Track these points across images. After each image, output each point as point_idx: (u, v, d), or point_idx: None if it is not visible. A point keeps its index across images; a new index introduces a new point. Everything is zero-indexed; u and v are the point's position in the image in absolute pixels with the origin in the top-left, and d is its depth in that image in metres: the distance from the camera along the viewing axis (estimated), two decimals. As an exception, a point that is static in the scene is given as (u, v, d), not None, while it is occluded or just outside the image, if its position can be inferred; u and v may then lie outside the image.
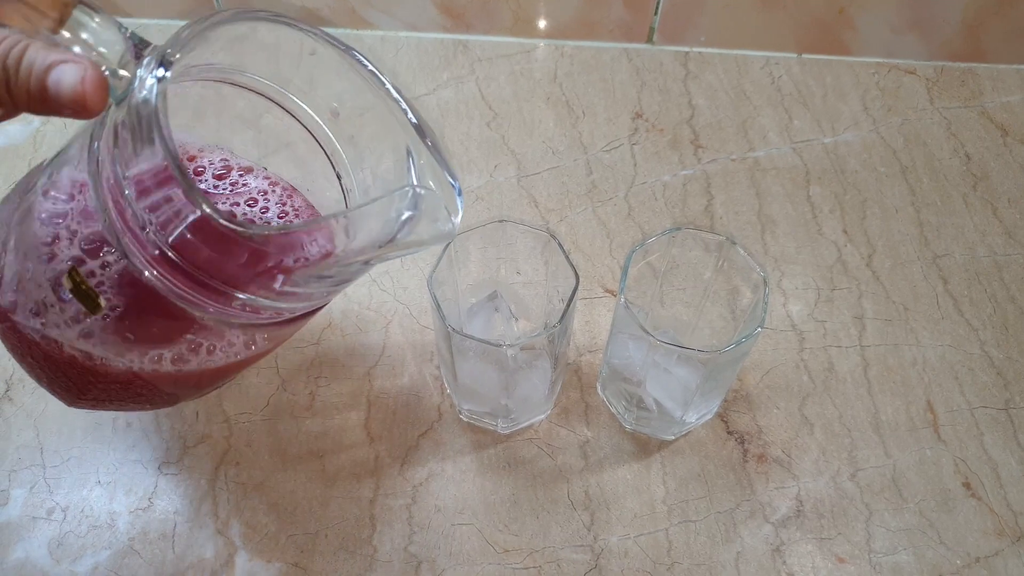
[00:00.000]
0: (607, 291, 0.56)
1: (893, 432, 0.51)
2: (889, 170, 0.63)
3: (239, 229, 0.31)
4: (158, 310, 0.34)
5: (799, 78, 0.68)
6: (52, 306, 0.36)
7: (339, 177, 0.42)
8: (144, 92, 0.29)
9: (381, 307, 0.55)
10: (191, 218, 0.30)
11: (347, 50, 0.37)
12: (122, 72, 0.30)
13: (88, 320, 0.36)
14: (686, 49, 0.69)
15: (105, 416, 0.51)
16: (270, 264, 0.33)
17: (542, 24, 0.68)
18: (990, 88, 0.68)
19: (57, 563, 0.46)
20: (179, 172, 0.29)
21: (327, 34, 0.37)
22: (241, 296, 0.33)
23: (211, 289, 0.33)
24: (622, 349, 0.47)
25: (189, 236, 0.31)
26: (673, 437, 0.50)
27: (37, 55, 0.27)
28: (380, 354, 0.53)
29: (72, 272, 0.34)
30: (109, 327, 0.36)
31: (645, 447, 0.50)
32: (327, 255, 0.37)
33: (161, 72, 0.30)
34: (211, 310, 0.34)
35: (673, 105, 0.66)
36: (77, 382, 0.39)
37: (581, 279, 0.43)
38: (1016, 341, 0.54)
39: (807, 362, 0.53)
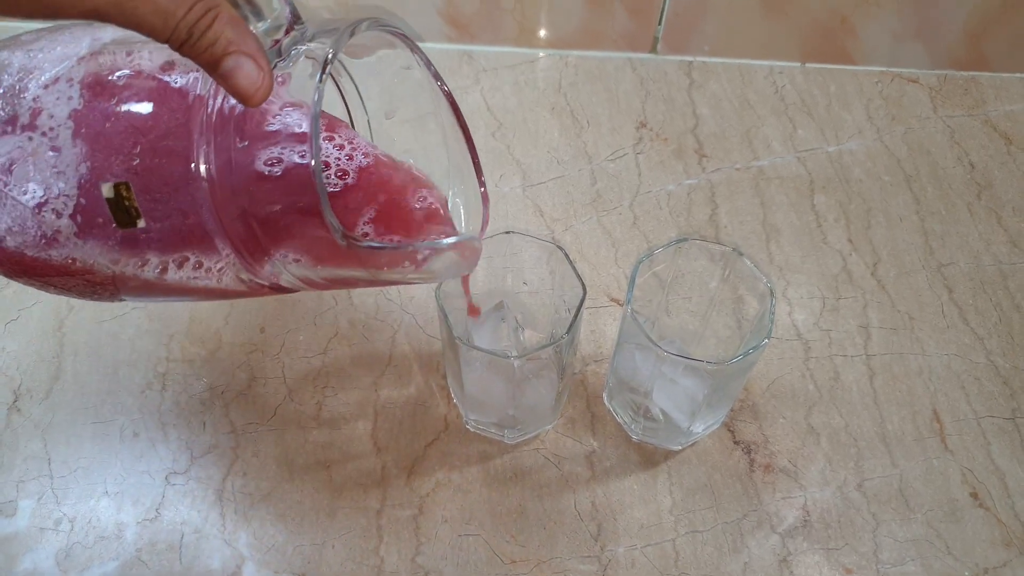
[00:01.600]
0: (612, 300, 0.56)
1: (899, 442, 0.51)
2: (893, 179, 0.63)
3: (358, 244, 0.31)
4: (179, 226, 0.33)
5: (803, 87, 0.68)
6: (64, 196, 0.32)
7: None
8: (302, 81, 0.31)
9: (388, 317, 0.55)
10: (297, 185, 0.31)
11: (441, 86, 0.38)
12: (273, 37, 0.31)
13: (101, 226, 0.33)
14: (690, 59, 0.69)
15: (112, 427, 0.51)
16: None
17: (546, 34, 0.69)
18: (993, 97, 0.68)
19: (64, 574, 0.46)
20: (320, 184, 0.30)
21: (435, 69, 0.38)
22: (276, 255, 0.33)
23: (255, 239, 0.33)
24: (628, 359, 0.47)
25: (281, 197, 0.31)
26: (680, 447, 0.50)
27: (223, 31, 0.28)
28: (387, 364, 0.53)
29: (121, 186, 0.32)
30: (125, 236, 0.33)
31: (651, 457, 0.50)
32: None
33: (321, 76, 0.30)
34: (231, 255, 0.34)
35: (677, 114, 0.66)
36: (35, 271, 0.35)
37: (587, 289, 0.43)
38: (1022, 350, 0.54)
39: (813, 371, 0.53)
